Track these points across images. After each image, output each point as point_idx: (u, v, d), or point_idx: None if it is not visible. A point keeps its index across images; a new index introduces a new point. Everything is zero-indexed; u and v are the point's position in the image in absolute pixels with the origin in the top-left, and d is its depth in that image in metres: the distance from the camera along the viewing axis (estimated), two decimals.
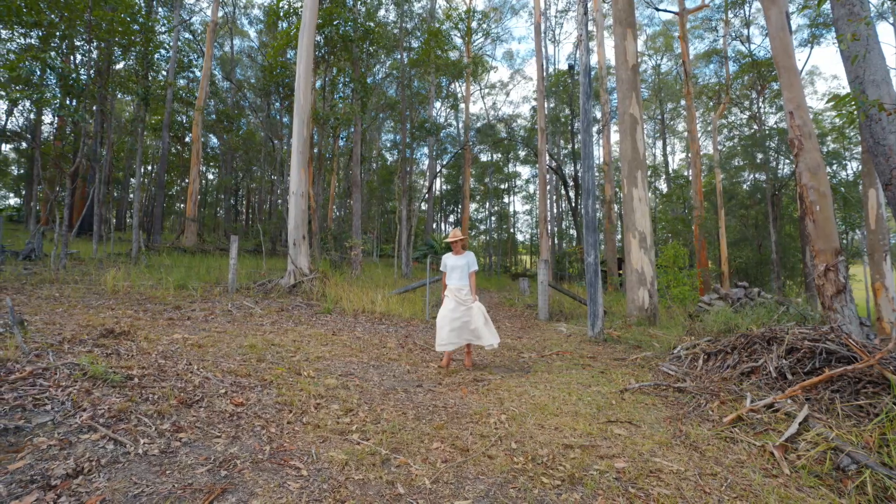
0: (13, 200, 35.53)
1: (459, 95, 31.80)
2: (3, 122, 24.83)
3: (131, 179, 28.82)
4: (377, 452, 2.59)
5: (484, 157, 37.39)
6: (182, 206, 35.42)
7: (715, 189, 22.65)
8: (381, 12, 23.22)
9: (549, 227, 15.94)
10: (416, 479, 2.33)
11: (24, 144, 29.28)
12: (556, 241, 30.30)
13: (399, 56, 24.31)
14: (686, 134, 30.96)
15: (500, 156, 37.24)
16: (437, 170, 28.48)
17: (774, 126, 24.17)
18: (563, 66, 32.15)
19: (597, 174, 26.73)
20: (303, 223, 8.01)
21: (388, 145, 37.08)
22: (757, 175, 25.64)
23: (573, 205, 22.18)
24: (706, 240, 21.23)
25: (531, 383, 4.34)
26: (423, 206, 27.92)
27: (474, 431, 3.04)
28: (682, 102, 30.46)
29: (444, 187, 39.53)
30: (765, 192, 22.31)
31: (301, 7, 16.02)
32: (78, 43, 15.11)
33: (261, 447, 2.49)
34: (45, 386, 2.54)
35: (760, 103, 24.74)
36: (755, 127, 25.10)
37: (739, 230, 26.12)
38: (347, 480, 2.25)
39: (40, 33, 13.62)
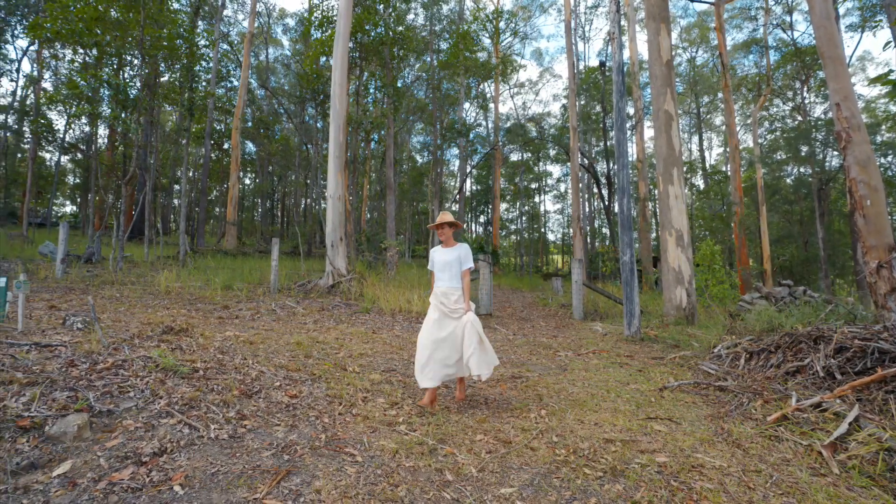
0: (69, 208, 37.94)
1: (489, 96, 31.82)
2: (62, 136, 26.63)
3: (175, 186, 30.30)
4: (424, 443, 2.72)
5: (514, 157, 37.24)
6: (220, 210, 36.91)
7: (756, 184, 21.78)
8: (410, 16, 23.58)
9: (582, 227, 15.77)
10: (463, 468, 2.45)
11: (79, 155, 31.29)
12: (588, 241, 29.86)
13: (428, 59, 24.62)
14: (724, 128, 29.86)
15: (530, 155, 36.98)
16: (468, 170, 28.58)
17: (821, 116, 23.00)
18: (594, 63, 31.65)
19: (630, 171, 26.16)
20: (340, 225, 8.30)
21: (418, 147, 37.50)
22: (802, 168, 24.47)
23: (606, 203, 21.83)
24: (747, 237, 20.43)
25: (569, 381, 4.39)
26: (454, 207, 28.10)
27: (515, 425, 3.14)
28: (720, 95, 29.40)
29: (474, 188, 39.58)
30: (811, 186, 21.28)
31: (334, 15, 16.50)
32: (128, 59, 16.04)
33: (317, 435, 2.68)
34: (126, 376, 2.81)
35: (805, 93, 23.61)
36: (799, 118, 23.96)
37: (783, 227, 24.98)
38: (399, 467, 2.40)
39: (95, 52, 14.59)
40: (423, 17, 25.49)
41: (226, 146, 27.50)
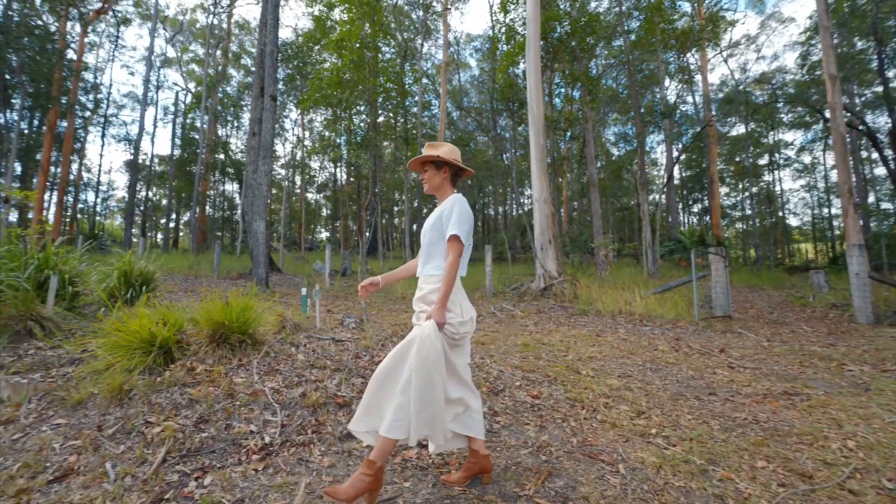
0: (325, 234, 48.55)
1: (693, 67, 27.60)
2: (317, 178, 34.32)
3: (394, 208, 35.63)
4: (691, 461, 2.40)
5: (734, 131, 31.31)
6: None
7: None
8: (593, 4, 22.38)
9: (857, 202, 11.91)
10: (750, 500, 2.05)
11: (328, 192, 39.84)
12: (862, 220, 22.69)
13: (618, 43, 22.84)
14: None
15: (755, 126, 30.50)
16: (676, 155, 25.29)
17: None
18: None
19: None
20: (548, 228, 8.30)
21: (612, 139, 35.12)
22: None
23: (894, 168, 16.21)
24: None
25: (880, 405, 3.31)
26: (662, 199, 25.19)
27: (811, 455, 2.50)
28: None
29: (684, 173, 34.84)
30: None
31: (519, 26, 16.88)
32: (356, 108, 19.57)
33: (567, 438, 2.64)
34: None
35: None
36: None
37: None
38: (667, 485, 2.16)
39: (337, 109, 18.32)
40: (607, 1, 23.85)
41: None
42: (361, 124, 18.32)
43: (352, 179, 30.93)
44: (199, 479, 2.05)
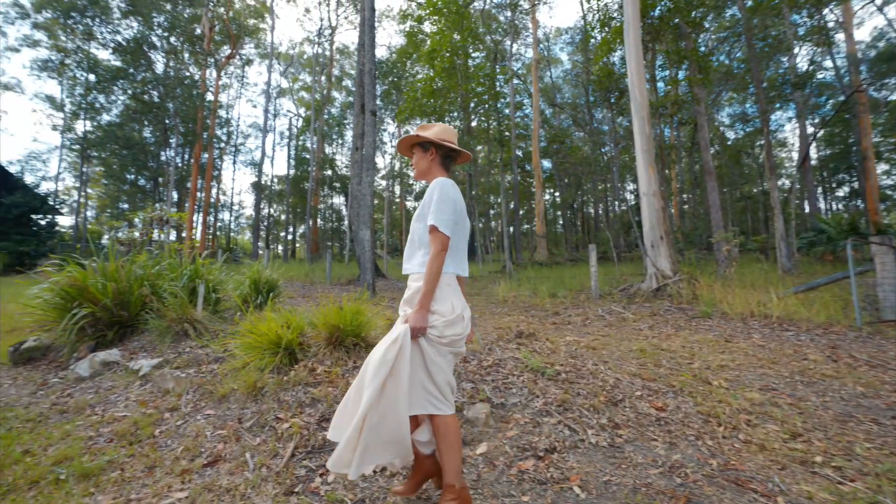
0: None
1: (831, 24, 23.47)
2: (414, 186, 35.65)
3: (490, 211, 35.67)
4: (879, 502, 1.94)
5: (894, 96, 26.00)
6: (527, 227, 40.96)
7: None
8: None
9: None
10: None
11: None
12: None
13: (730, 12, 20.32)
14: None
15: None
16: (812, 132, 21.76)
17: None
18: None
19: None
20: (658, 223, 7.57)
21: (727, 121, 31.34)
22: None
23: None
24: None
25: None
26: (795, 185, 21.77)
27: None
28: None
29: (822, 152, 29.89)
30: None
31: (614, 11, 15.85)
32: (450, 114, 19.92)
33: (705, 460, 2.31)
34: (504, 373, 3.23)
35: None
36: None
37: None
38: None
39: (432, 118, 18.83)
40: None
41: (527, 168, 30.45)
42: (455, 130, 18.59)
43: None
44: (324, 476, 2.15)
